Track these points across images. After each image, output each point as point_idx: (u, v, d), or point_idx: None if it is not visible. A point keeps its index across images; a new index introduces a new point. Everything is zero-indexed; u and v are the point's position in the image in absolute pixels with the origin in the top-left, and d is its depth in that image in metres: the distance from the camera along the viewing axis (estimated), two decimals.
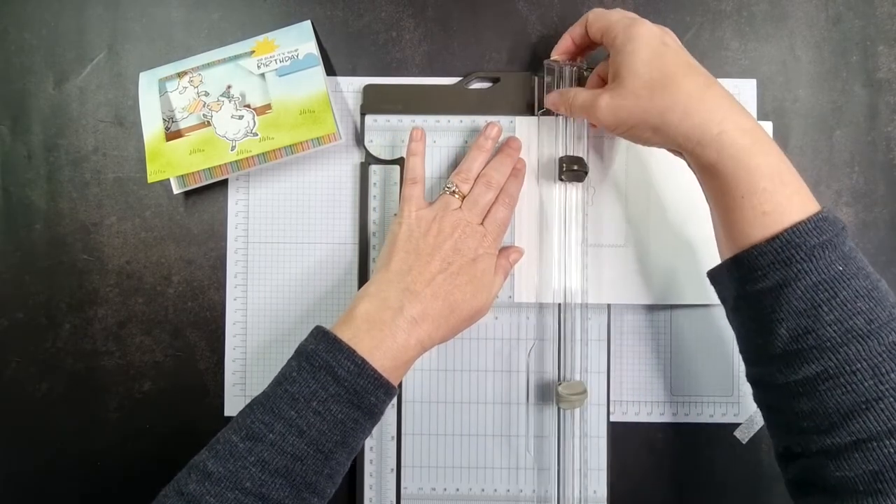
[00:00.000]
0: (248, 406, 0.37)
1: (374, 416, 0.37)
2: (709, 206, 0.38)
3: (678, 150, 0.38)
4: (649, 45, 0.37)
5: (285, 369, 0.37)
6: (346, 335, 0.37)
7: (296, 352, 0.38)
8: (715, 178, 0.35)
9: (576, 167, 0.44)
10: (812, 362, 0.32)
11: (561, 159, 0.45)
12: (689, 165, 0.39)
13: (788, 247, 0.32)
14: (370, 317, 0.38)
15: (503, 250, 0.45)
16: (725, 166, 0.34)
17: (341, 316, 0.39)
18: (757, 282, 0.33)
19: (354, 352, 0.36)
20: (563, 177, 0.45)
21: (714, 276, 0.38)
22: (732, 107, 0.35)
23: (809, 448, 0.32)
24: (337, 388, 0.35)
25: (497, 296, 0.44)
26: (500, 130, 0.46)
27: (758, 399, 0.37)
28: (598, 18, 0.41)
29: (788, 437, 0.34)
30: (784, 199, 0.33)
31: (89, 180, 0.48)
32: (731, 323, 0.38)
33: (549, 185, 0.47)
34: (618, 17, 0.39)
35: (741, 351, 0.37)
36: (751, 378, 0.37)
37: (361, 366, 0.36)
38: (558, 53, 0.45)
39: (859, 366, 0.31)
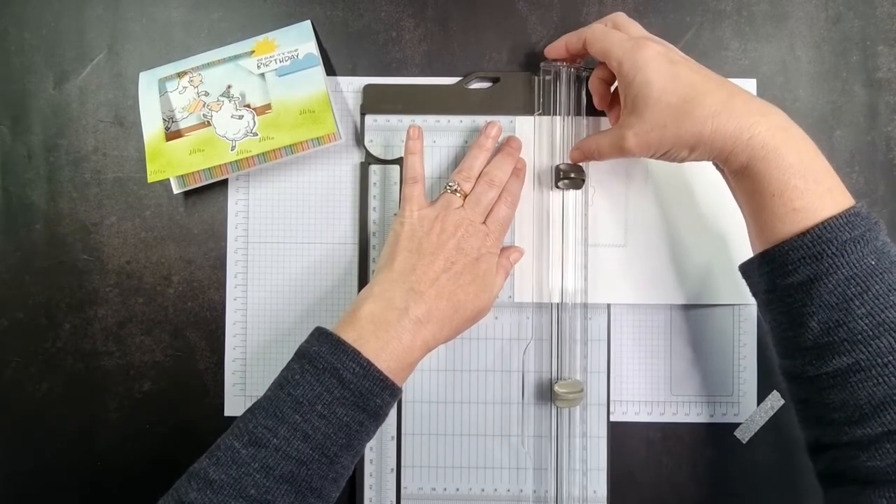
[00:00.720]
0: (249, 410, 0.36)
1: (378, 418, 0.37)
2: (738, 204, 0.38)
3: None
4: (659, 70, 0.36)
5: (287, 372, 0.37)
6: (350, 336, 0.36)
7: (296, 354, 0.37)
8: (746, 179, 0.35)
9: (573, 175, 0.44)
10: (843, 355, 0.32)
11: (558, 167, 0.45)
12: (718, 168, 0.39)
13: (819, 242, 0.32)
14: (375, 317, 0.37)
15: (504, 250, 0.45)
16: (756, 167, 0.34)
17: (343, 316, 0.39)
18: (787, 276, 0.33)
19: (359, 353, 0.36)
20: (559, 185, 0.45)
21: (745, 270, 0.38)
22: (760, 108, 0.35)
23: (840, 439, 0.32)
24: (342, 391, 0.35)
25: (498, 296, 0.44)
26: (501, 129, 0.46)
27: (789, 392, 0.37)
28: (597, 39, 0.40)
29: (819, 429, 0.34)
30: (816, 196, 0.33)
31: (89, 180, 0.48)
32: (762, 316, 0.38)
33: (549, 184, 0.47)
34: (618, 40, 0.39)
35: (773, 344, 0.37)
36: (782, 371, 0.37)
37: (367, 368, 0.35)
38: (550, 56, 0.45)
39: (891, 358, 0.31)
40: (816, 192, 0.33)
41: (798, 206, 0.33)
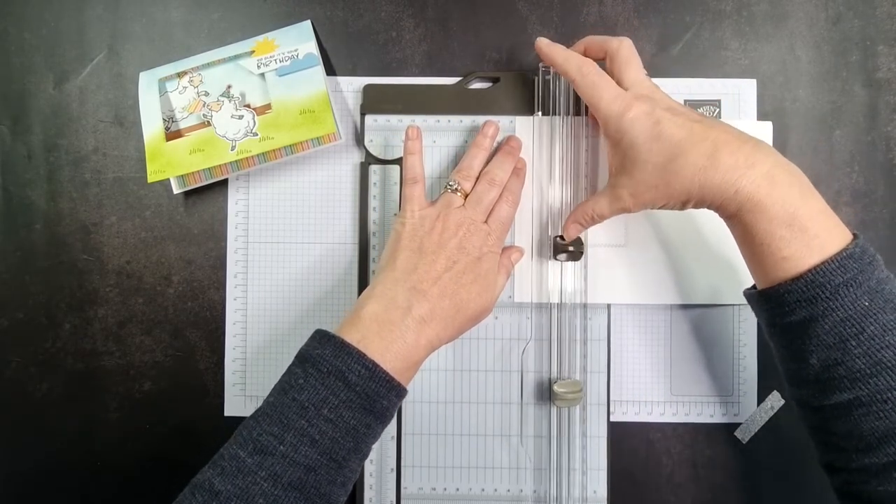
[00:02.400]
0: (252, 418, 0.35)
1: (385, 419, 0.37)
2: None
3: None
4: (643, 132, 0.37)
5: (289, 377, 0.36)
6: (354, 337, 0.36)
7: (298, 357, 0.37)
8: (736, 226, 0.36)
9: (571, 248, 0.45)
10: (844, 391, 0.33)
11: (556, 239, 0.45)
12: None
13: (812, 286, 0.33)
14: (379, 317, 0.37)
15: (505, 250, 0.45)
16: (744, 218, 0.35)
17: (346, 318, 0.38)
18: (785, 316, 0.34)
19: (364, 355, 0.35)
20: (558, 258, 0.45)
21: (748, 299, 0.39)
22: (747, 158, 0.34)
23: (850, 465, 0.33)
24: (348, 394, 0.34)
25: (500, 295, 0.44)
26: (498, 129, 0.46)
27: (799, 417, 0.38)
28: (585, 88, 0.39)
29: (830, 454, 0.35)
30: (802, 245, 0.33)
31: (89, 180, 0.48)
32: (770, 342, 0.39)
33: (548, 184, 0.47)
34: (606, 101, 0.38)
35: (780, 371, 0.38)
36: (791, 397, 0.38)
37: (372, 369, 0.35)
38: (542, 58, 0.44)
39: (889, 395, 0.31)
40: (803, 240, 0.33)
41: (786, 254, 0.34)
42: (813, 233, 0.33)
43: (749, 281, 0.39)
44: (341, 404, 0.34)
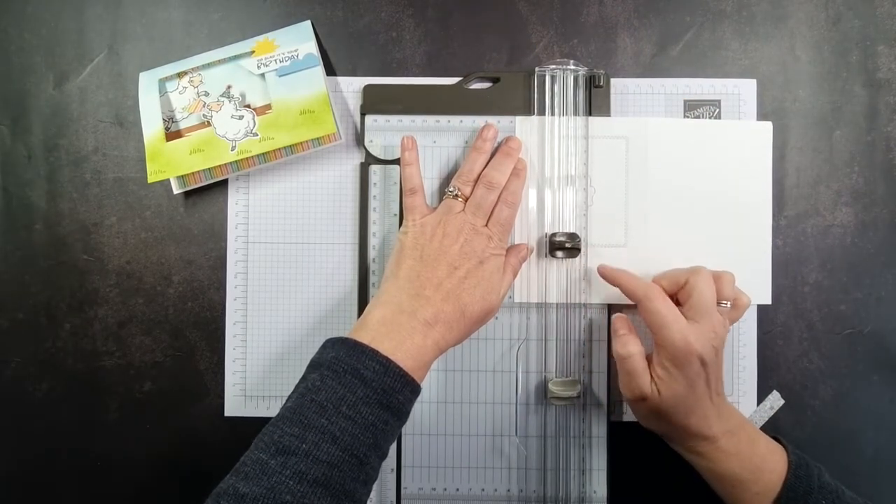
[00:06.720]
0: (271, 424, 0.35)
1: (401, 416, 0.37)
2: None
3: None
4: (686, 377, 0.40)
5: (305, 382, 0.37)
6: (364, 339, 0.37)
7: (311, 365, 0.38)
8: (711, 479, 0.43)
9: (568, 245, 0.45)
10: None
11: (551, 237, 0.45)
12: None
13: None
14: (386, 320, 0.38)
15: (511, 249, 0.45)
16: (712, 471, 0.42)
17: (353, 327, 0.39)
18: None
19: (377, 352, 0.36)
20: (556, 254, 0.45)
21: None
22: (725, 433, 0.41)
23: None
24: (365, 390, 0.35)
25: (507, 294, 0.44)
26: (497, 131, 0.46)
27: None
28: (658, 326, 0.41)
29: None
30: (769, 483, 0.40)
31: (89, 180, 0.48)
32: None
33: (549, 185, 0.47)
34: (677, 337, 0.40)
35: None
36: None
37: (386, 365, 0.36)
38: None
39: None
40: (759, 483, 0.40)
41: (757, 490, 0.40)
42: (767, 479, 0.40)
43: (747, 279, 0.39)
44: (359, 401, 0.35)
